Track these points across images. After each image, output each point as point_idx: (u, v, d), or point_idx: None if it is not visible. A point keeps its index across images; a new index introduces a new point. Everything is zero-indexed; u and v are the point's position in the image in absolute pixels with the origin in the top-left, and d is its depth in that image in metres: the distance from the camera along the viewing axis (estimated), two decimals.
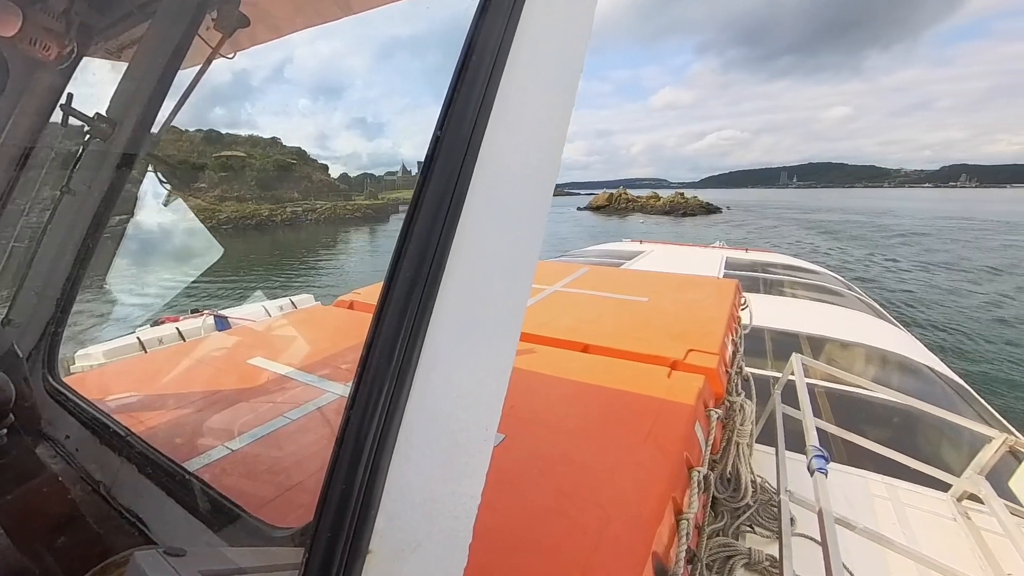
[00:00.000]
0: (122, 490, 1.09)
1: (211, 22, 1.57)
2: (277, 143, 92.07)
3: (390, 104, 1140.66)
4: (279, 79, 48.17)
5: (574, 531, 1.16)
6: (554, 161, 0.70)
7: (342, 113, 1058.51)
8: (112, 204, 1.56)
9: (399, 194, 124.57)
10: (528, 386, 1.96)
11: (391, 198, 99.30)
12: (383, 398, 0.55)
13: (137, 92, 1.54)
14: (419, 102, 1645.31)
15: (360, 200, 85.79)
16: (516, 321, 0.67)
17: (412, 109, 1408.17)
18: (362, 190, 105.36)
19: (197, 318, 6.09)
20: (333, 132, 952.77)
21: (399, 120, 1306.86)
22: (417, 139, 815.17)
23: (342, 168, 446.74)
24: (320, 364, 2.21)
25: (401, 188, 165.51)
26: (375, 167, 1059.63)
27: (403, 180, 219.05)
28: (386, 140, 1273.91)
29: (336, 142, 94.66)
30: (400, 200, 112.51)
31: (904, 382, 5.29)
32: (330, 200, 76.40)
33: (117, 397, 1.84)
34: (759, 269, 10.22)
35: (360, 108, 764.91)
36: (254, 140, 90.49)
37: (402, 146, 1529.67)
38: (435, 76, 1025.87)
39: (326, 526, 0.54)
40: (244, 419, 1.64)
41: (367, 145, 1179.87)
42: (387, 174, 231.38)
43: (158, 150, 1.73)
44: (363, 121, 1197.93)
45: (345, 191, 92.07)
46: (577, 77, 0.74)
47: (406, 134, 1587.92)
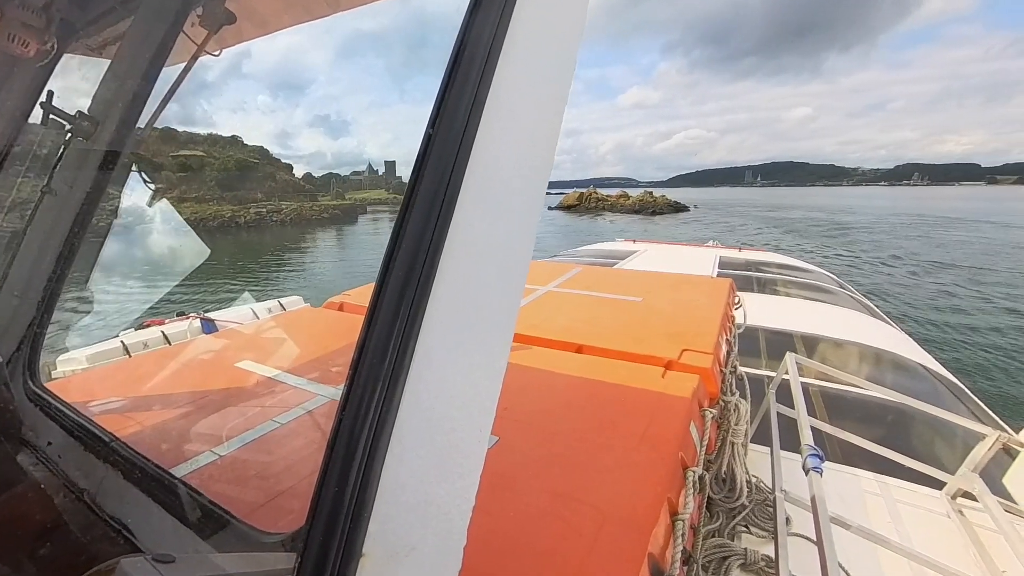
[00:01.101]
0: (107, 497, 1.08)
1: (196, 18, 1.56)
2: (238, 141, 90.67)
3: (355, 101, 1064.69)
4: (237, 74, 46.96)
5: (569, 533, 1.17)
6: (547, 159, 0.70)
7: (304, 110, 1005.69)
8: (95, 204, 1.54)
9: (366, 194, 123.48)
10: (522, 387, 1.96)
11: (358, 198, 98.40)
12: (375, 400, 0.55)
13: (120, 90, 1.52)
14: (385, 100, 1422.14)
15: (327, 201, 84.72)
16: (509, 322, 0.68)
17: (378, 107, 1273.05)
18: (328, 190, 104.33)
19: (183, 321, 6.02)
20: (296, 130, 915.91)
21: (365, 118, 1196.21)
22: (383, 138, 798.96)
23: (306, 168, 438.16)
24: (310, 367, 2.20)
25: (368, 188, 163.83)
26: (340, 167, 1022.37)
27: (369, 180, 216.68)
28: (351, 139, 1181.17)
29: (299, 141, 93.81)
30: (367, 200, 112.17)
31: (898, 380, 5.36)
32: (295, 201, 75.39)
33: (101, 402, 1.82)
34: (753, 268, 10.30)
35: (324, 105, 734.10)
36: (213, 139, 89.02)
37: (368, 145, 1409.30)
38: (402, 73, 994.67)
39: (318, 530, 0.54)
40: (232, 423, 1.62)
41: (332, 144, 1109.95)
42: (353, 174, 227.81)
43: (143, 149, 1.72)
44: (327, 119, 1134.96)
45: (311, 191, 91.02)
46: (570, 74, 0.75)
47: (372, 133, 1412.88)
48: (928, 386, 5.21)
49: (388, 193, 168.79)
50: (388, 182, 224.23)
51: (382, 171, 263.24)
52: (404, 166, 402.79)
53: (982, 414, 4.72)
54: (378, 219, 78.23)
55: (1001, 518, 2.40)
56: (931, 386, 5.22)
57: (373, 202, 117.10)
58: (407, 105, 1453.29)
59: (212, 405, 1.82)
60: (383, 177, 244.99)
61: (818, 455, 1.93)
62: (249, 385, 1.96)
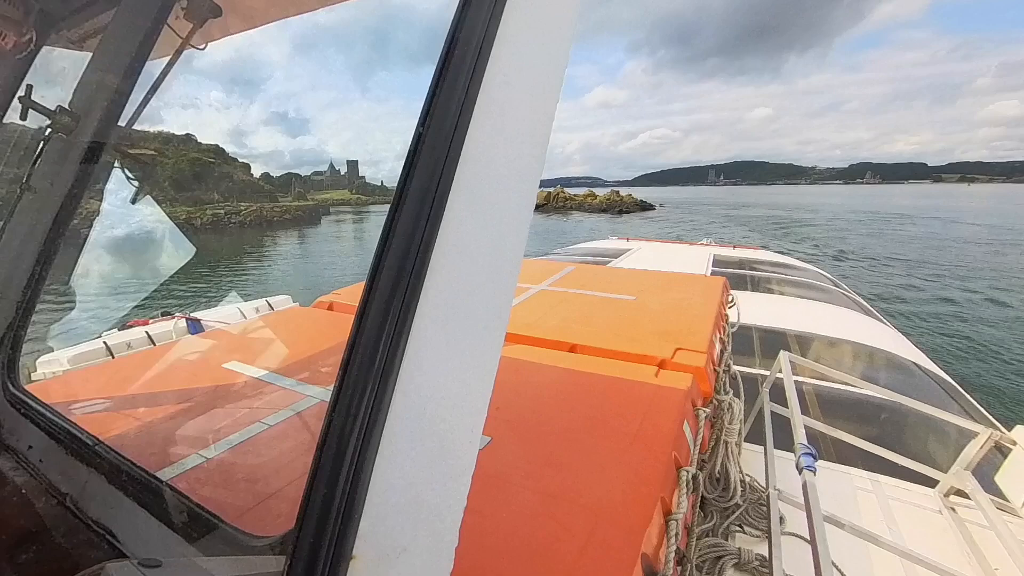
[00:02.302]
0: (91, 502, 1.07)
1: (180, 11, 1.54)
2: (192, 140, 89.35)
3: (315, 98, 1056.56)
4: (188, 69, 46.55)
5: (562, 534, 1.18)
6: (539, 157, 0.71)
7: (261, 107, 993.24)
8: (76, 202, 1.52)
9: (328, 195, 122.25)
10: (514, 387, 1.97)
11: (321, 199, 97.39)
12: (366, 400, 0.55)
13: (102, 84, 1.50)
14: (346, 97, 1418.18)
15: (288, 201, 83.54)
16: (501, 321, 0.68)
17: (339, 104, 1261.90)
18: (288, 191, 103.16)
19: (168, 321, 5.97)
20: (252, 128, 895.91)
21: (325, 116, 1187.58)
22: (345, 137, 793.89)
23: (264, 167, 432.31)
24: (299, 367, 2.19)
25: (330, 189, 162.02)
26: (300, 166, 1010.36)
27: (331, 180, 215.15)
28: (311, 137, 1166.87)
29: (256, 139, 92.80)
30: (330, 201, 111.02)
31: (891, 378, 5.44)
32: (255, 201, 74.14)
33: (84, 405, 1.80)
34: (746, 266, 10.38)
35: (281, 102, 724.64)
36: (165, 137, 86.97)
37: (329, 144, 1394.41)
38: (364, 69, 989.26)
39: (308, 532, 0.54)
40: (220, 426, 1.61)
41: (290, 143, 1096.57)
42: (314, 174, 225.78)
43: (126, 145, 1.70)
44: (285, 116, 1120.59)
45: (270, 192, 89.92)
46: (562, 71, 0.75)
47: (332, 131, 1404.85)
48: (921, 384, 5.29)
49: (352, 194, 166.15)
50: (351, 182, 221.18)
51: (344, 171, 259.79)
52: (367, 166, 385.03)
53: (975, 412, 4.79)
54: (342, 221, 77.81)
55: (993, 516, 2.44)
56: (924, 384, 5.30)
57: (336, 203, 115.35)
58: (370, 103, 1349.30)
59: (199, 407, 1.80)
60: (346, 177, 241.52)
61: (811, 454, 1.96)
62: (237, 386, 1.95)
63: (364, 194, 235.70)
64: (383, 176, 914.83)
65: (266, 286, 22.40)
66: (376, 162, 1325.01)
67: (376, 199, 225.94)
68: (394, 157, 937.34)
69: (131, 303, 5.53)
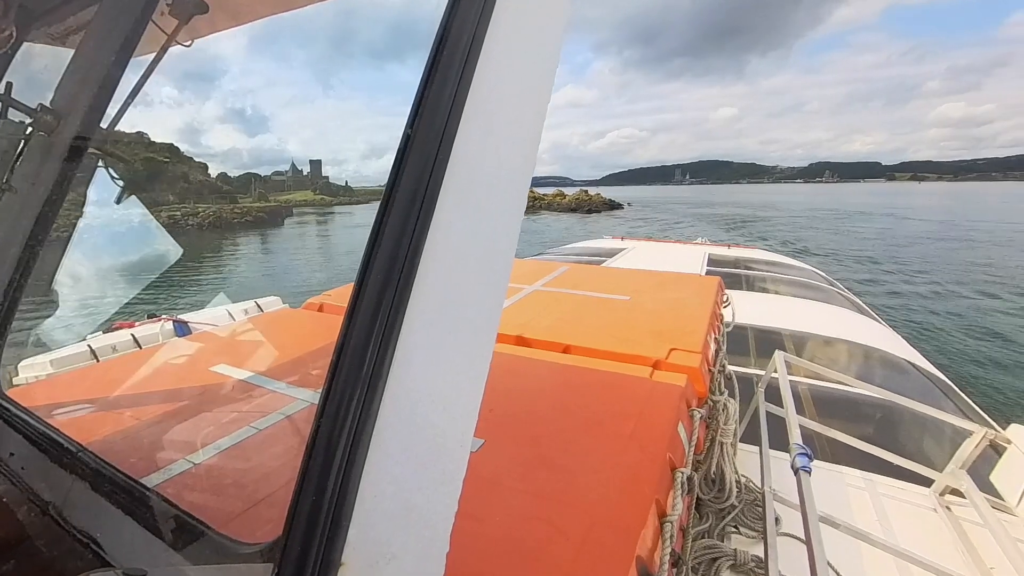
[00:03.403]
0: (74, 510, 1.06)
1: (166, 7, 1.53)
2: (143, 138, 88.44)
3: (274, 95, 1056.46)
4: (135, 64, 45.52)
5: (556, 536, 1.18)
6: (529, 157, 0.71)
7: (216, 104, 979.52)
8: (59, 202, 1.51)
9: (291, 196, 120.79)
10: (507, 389, 1.97)
11: (283, 200, 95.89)
12: (354, 404, 0.55)
13: (85, 82, 1.49)
14: (307, 94, 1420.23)
15: (249, 203, 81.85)
16: (492, 322, 0.68)
17: (300, 102, 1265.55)
18: (248, 191, 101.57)
19: (154, 323, 5.91)
20: (207, 126, 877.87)
21: (285, 114, 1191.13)
22: (306, 135, 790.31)
23: (220, 167, 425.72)
24: (288, 370, 2.17)
25: (293, 190, 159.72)
26: (259, 166, 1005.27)
27: (294, 180, 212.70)
28: (270, 136, 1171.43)
29: (211, 137, 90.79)
30: (293, 202, 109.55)
31: (886, 378, 5.49)
32: (213, 202, 72.45)
33: (67, 410, 1.78)
34: (741, 265, 10.45)
35: (238, 99, 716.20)
36: (115, 136, 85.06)
37: (289, 143, 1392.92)
38: (326, 66, 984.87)
39: (296, 540, 0.54)
40: (207, 430, 1.60)
41: (248, 141, 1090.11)
42: (275, 174, 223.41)
43: (110, 144, 1.68)
44: (242, 114, 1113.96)
45: (229, 192, 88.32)
46: (552, 70, 0.75)
47: (293, 130, 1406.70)
48: (916, 383, 5.35)
49: (315, 194, 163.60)
50: (314, 182, 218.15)
51: (307, 171, 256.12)
52: (331, 165, 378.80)
53: (970, 411, 4.85)
54: (305, 223, 76.27)
55: (988, 515, 2.47)
56: (919, 383, 5.36)
57: (299, 204, 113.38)
58: (333, 100, 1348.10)
59: (186, 411, 1.79)
60: (309, 177, 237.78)
61: (807, 454, 1.97)
62: (225, 390, 1.93)
63: (328, 195, 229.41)
64: (347, 176, 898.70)
65: (228, 293, 21.70)
66: (340, 162, 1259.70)
67: (341, 200, 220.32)
68: (358, 157, 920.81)
69: (116, 305, 5.47)
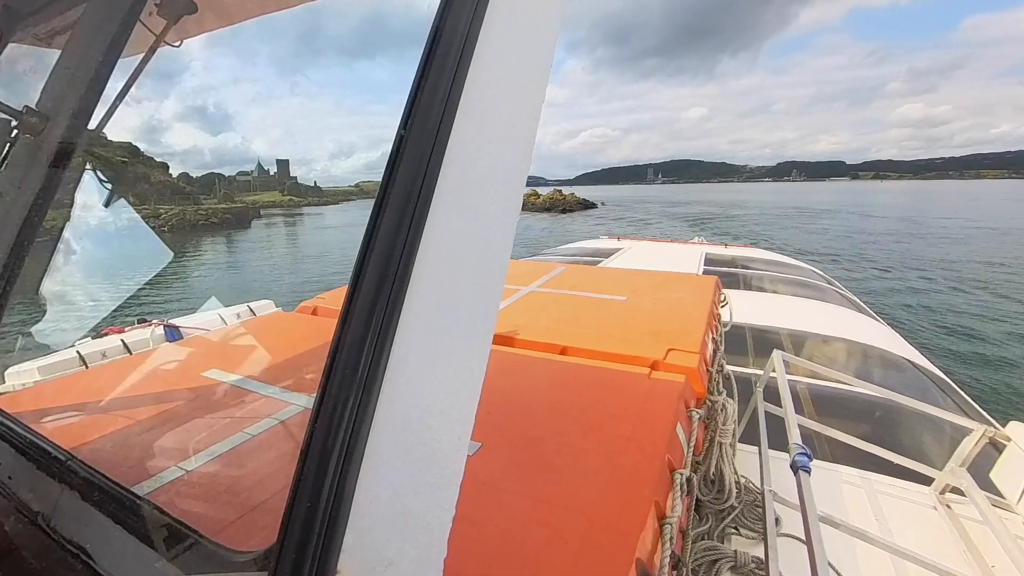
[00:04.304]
0: (64, 520, 1.05)
1: (154, 7, 1.52)
2: (100, 138, 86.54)
3: (237, 92, 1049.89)
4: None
5: (555, 540, 1.18)
6: (525, 157, 0.71)
7: (176, 101, 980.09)
8: (45, 206, 1.49)
9: (258, 197, 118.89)
10: (503, 391, 1.97)
11: (249, 201, 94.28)
12: (349, 408, 0.54)
13: (71, 83, 1.47)
14: (273, 91, 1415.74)
15: (214, 204, 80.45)
16: (488, 323, 0.68)
17: (266, 99, 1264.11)
18: (212, 192, 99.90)
19: (145, 328, 5.87)
20: (166, 124, 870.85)
21: (249, 111, 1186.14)
22: (273, 134, 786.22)
23: (181, 167, 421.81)
24: (282, 374, 2.16)
25: (259, 190, 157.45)
26: (223, 166, 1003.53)
27: (260, 181, 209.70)
28: (234, 134, 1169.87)
29: (171, 136, 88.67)
30: (260, 203, 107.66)
31: (885, 376, 5.52)
32: (176, 204, 70.80)
33: (56, 417, 1.77)
34: (739, 265, 10.49)
35: (198, 95, 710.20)
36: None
37: (255, 142, 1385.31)
38: (292, 63, 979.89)
39: (291, 547, 0.54)
40: (199, 437, 1.59)
41: (211, 140, 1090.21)
42: (240, 174, 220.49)
43: (97, 146, 1.67)
44: (203, 111, 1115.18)
45: (192, 193, 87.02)
46: (547, 69, 0.75)
47: (259, 128, 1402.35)
48: (915, 381, 5.38)
49: (283, 195, 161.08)
50: (282, 183, 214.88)
51: (274, 171, 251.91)
52: (299, 165, 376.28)
53: (969, 409, 4.88)
54: (274, 224, 75.17)
55: (989, 513, 2.48)
56: (918, 381, 5.39)
57: (267, 205, 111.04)
58: (300, 98, 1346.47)
59: (177, 417, 1.78)
60: (276, 177, 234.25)
61: (806, 454, 1.98)
62: (217, 395, 1.92)
63: (297, 195, 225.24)
64: (316, 176, 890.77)
65: (191, 302, 20.89)
66: (308, 161, 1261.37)
67: (310, 200, 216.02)
68: (327, 156, 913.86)
69: (105, 310, 5.43)
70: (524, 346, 2.52)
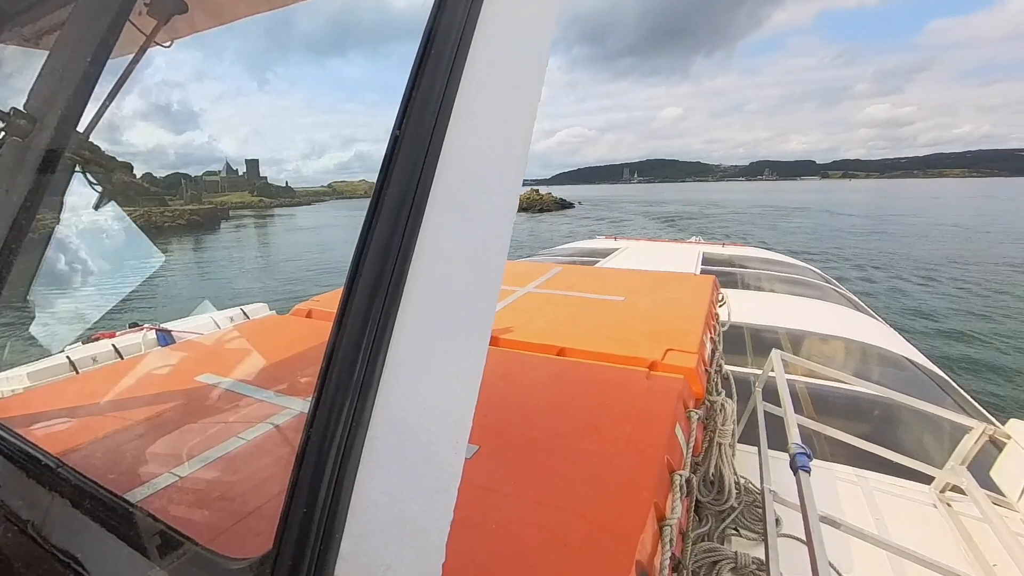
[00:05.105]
0: (54, 528, 1.04)
1: (144, 7, 1.51)
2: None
3: (203, 89, 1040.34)
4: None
5: (554, 543, 1.18)
6: (521, 157, 0.71)
7: (138, 98, 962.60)
8: (34, 209, 1.48)
9: (226, 197, 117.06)
10: (501, 393, 1.97)
11: (218, 202, 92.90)
12: (345, 412, 0.54)
13: (60, 84, 1.47)
14: (241, 88, 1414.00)
15: (180, 205, 78.87)
16: (485, 325, 0.68)
17: (233, 96, 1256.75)
18: (178, 193, 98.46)
19: (136, 333, 5.85)
20: (127, 122, 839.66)
21: (216, 110, 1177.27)
22: (241, 133, 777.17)
23: (144, 166, 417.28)
24: (277, 378, 2.16)
25: (228, 191, 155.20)
26: (188, 166, 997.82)
27: (229, 181, 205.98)
28: (200, 133, 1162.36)
29: (132, 134, 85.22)
30: (229, 204, 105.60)
31: (884, 375, 5.55)
32: (140, 205, 68.93)
33: (45, 424, 1.76)
34: (736, 264, 10.53)
35: (162, 93, 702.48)
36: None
37: (222, 141, 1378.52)
38: (260, 59, 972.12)
39: (287, 553, 0.53)
40: (193, 442, 1.58)
41: (175, 139, 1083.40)
42: (206, 174, 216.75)
43: (87, 148, 1.66)
44: (167, 109, 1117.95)
45: (157, 194, 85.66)
46: (543, 66, 0.75)
47: (226, 127, 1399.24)
48: (914, 379, 5.41)
49: (253, 196, 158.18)
50: (252, 183, 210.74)
51: (243, 171, 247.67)
52: (269, 165, 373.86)
53: (969, 407, 4.90)
54: (244, 226, 74.20)
55: (989, 511, 2.50)
56: (917, 379, 5.42)
57: (236, 206, 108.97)
58: (269, 96, 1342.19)
59: (170, 423, 1.77)
60: (245, 178, 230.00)
61: (806, 453, 1.99)
62: (211, 400, 1.91)
63: (267, 196, 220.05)
64: (287, 176, 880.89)
65: (156, 313, 20.07)
66: (279, 161, 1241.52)
67: (281, 201, 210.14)
68: (299, 156, 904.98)
69: (96, 315, 5.40)
70: (521, 347, 2.52)
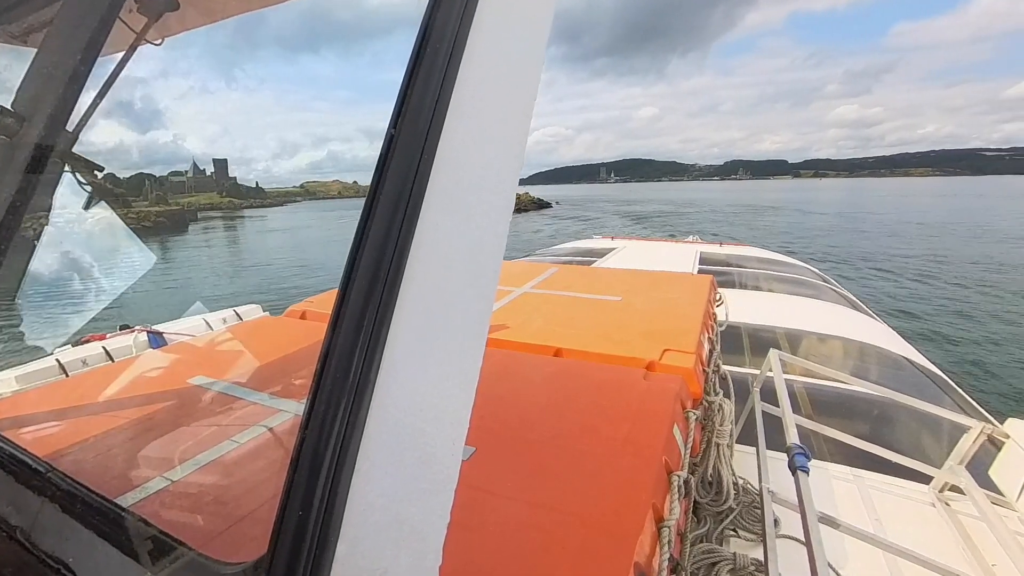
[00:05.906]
0: (44, 534, 1.03)
1: (134, 4, 1.51)
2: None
3: (167, 86, 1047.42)
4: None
5: (552, 546, 1.18)
6: (517, 157, 0.71)
7: (95, 95, 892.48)
8: (22, 210, 1.47)
9: (194, 198, 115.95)
10: (498, 394, 1.97)
11: (185, 203, 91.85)
12: (340, 414, 0.54)
13: (48, 83, 1.46)
14: (207, 86, 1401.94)
15: (146, 207, 77.68)
16: (482, 326, 0.68)
17: (199, 94, 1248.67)
18: (142, 194, 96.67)
19: (127, 335, 5.80)
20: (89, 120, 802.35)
21: (181, 107, 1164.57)
22: (209, 131, 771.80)
23: (106, 166, 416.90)
24: (270, 380, 2.15)
25: (195, 192, 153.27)
26: (152, 165, 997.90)
27: (196, 182, 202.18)
28: (164, 132, 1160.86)
29: (91, 133, 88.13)
30: (197, 205, 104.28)
31: (883, 374, 5.58)
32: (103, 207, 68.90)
33: (35, 428, 1.74)
34: (734, 263, 10.56)
35: (122, 89, 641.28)
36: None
37: (188, 140, 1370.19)
38: (228, 56, 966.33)
39: (281, 557, 0.53)
40: (185, 445, 1.58)
41: (139, 138, 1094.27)
42: (172, 174, 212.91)
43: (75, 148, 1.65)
44: (129, 107, 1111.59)
45: (120, 196, 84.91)
46: (539, 66, 0.75)
47: (192, 125, 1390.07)
48: (913, 379, 5.44)
49: (221, 197, 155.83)
50: (220, 184, 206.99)
51: (211, 171, 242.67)
52: (238, 165, 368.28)
53: (967, 406, 4.94)
54: (212, 228, 72.97)
55: (988, 511, 2.52)
56: (916, 379, 5.45)
57: (204, 207, 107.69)
58: (239, 93, 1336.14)
59: (162, 426, 1.76)
60: (213, 178, 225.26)
61: (804, 453, 2.00)
62: (203, 402, 1.91)
63: (237, 197, 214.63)
64: (257, 176, 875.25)
65: (128, 319, 19.47)
66: (249, 160, 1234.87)
67: (252, 203, 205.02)
68: (269, 156, 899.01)
69: (86, 317, 5.36)
70: (518, 348, 2.52)
